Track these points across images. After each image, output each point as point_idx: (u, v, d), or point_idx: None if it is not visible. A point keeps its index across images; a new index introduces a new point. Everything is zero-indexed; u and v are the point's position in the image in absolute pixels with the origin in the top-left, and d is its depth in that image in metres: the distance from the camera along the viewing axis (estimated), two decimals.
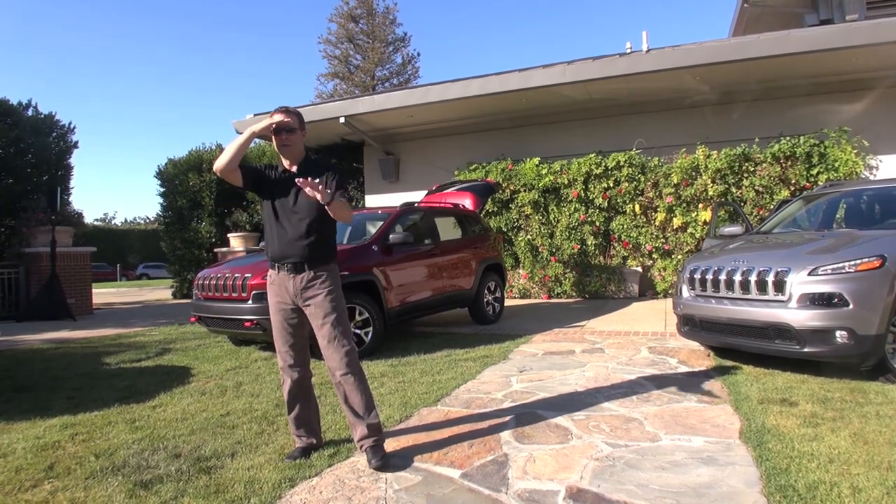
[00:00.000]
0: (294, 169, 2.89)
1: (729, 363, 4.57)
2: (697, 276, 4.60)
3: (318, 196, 2.61)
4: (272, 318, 2.94)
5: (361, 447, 2.80)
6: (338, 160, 12.46)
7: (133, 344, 6.66)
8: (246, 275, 5.35)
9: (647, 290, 9.74)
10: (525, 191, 10.19)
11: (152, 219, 39.82)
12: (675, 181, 9.16)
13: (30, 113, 11.45)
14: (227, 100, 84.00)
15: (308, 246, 2.82)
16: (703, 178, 8.99)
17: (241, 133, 2.82)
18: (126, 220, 49.83)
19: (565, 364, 4.85)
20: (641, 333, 6.21)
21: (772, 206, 8.03)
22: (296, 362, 2.94)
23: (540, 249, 10.17)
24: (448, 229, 7.16)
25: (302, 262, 2.83)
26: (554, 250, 10.05)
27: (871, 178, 8.54)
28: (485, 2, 65.49)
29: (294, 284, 2.83)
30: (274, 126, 2.83)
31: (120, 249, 33.67)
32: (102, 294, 15.87)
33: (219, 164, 2.73)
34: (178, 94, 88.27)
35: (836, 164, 8.33)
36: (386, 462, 2.73)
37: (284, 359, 2.94)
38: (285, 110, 2.88)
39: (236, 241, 12.32)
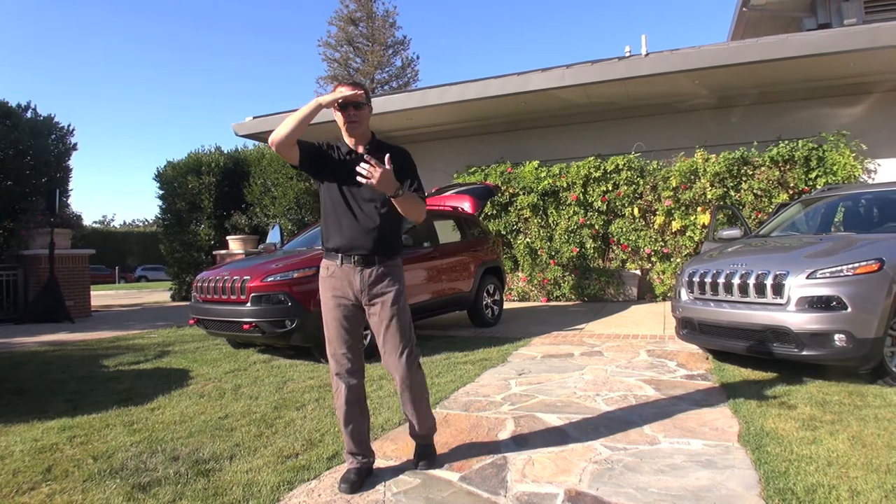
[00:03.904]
0: (361, 150, 2.59)
1: (727, 366, 4.57)
2: (696, 279, 4.60)
3: (375, 181, 2.33)
4: (327, 316, 2.64)
5: (417, 444, 2.81)
6: None
7: (131, 346, 6.65)
8: (245, 277, 5.35)
9: (646, 294, 9.75)
10: (524, 194, 10.20)
11: (151, 221, 39.80)
12: (674, 184, 9.17)
13: (29, 115, 11.41)
14: (227, 102, 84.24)
15: (381, 237, 2.58)
16: (702, 181, 9.01)
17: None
18: (125, 223, 49.85)
19: (564, 367, 4.85)
20: (640, 336, 6.21)
21: (770, 210, 8.04)
22: (353, 367, 2.61)
23: (539, 252, 10.17)
24: (447, 232, 7.16)
25: (372, 255, 2.58)
26: (553, 253, 10.05)
27: (870, 181, 8.56)
28: (484, 4, 65.73)
29: (361, 279, 2.58)
30: (341, 100, 2.50)
31: (119, 252, 33.64)
32: (101, 296, 15.85)
33: (276, 136, 2.40)
34: (177, 97, 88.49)
35: (835, 168, 8.36)
36: (432, 462, 2.74)
37: (341, 363, 2.60)
38: (353, 83, 2.58)
39: (235, 244, 12.31)
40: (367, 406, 2.72)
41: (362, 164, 2.36)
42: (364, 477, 2.59)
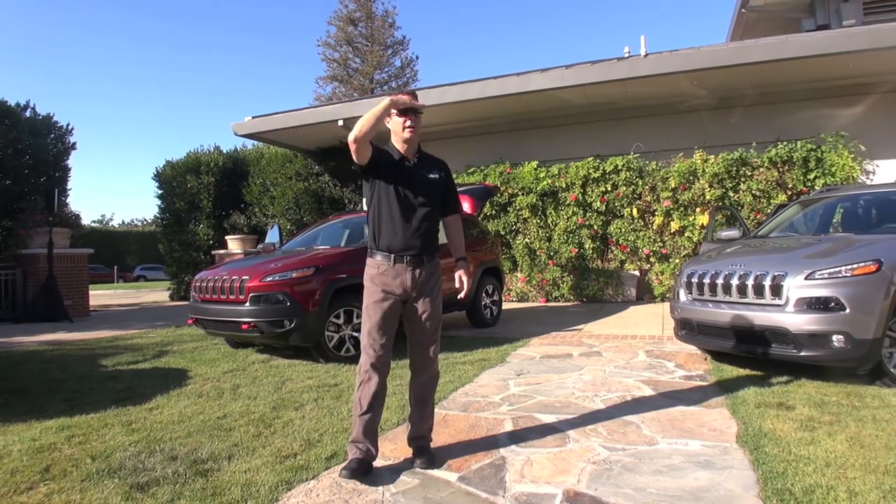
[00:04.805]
0: (413, 158, 2.84)
1: (726, 367, 4.57)
2: (695, 279, 4.61)
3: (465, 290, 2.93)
4: (370, 310, 2.77)
5: (413, 444, 2.86)
6: (335, 163, 12.46)
7: (130, 346, 6.64)
8: (244, 277, 5.35)
9: (645, 294, 9.75)
10: (523, 194, 10.20)
11: (150, 221, 39.75)
12: (673, 185, 9.18)
13: (28, 114, 11.41)
14: (227, 102, 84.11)
15: (431, 239, 2.85)
16: (701, 182, 9.02)
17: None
18: (123, 222, 49.75)
19: (563, 367, 4.85)
20: (639, 337, 6.21)
21: (769, 211, 8.05)
22: (386, 359, 2.77)
23: (538, 253, 10.18)
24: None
25: (421, 255, 2.81)
26: (552, 254, 10.05)
27: (868, 182, 8.57)
28: (484, 4, 65.78)
29: (413, 278, 2.78)
30: (409, 103, 2.74)
31: (117, 251, 33.63)
32: (99, 296, 15.83)
33: (357, 132, 2.59)
34: (177, 96, 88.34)
35: (833, 169, 8.37)
36: (431, 462, 2.76)
37: (377, 354, 2.72)
38: (414, 94, 2.83)
39: (234, 244, 12.31)
40: (384, 399, 2.84)
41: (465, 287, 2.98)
42: (366, 467, 2.66)
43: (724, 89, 9.15)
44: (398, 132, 2.79)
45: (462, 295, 2.93)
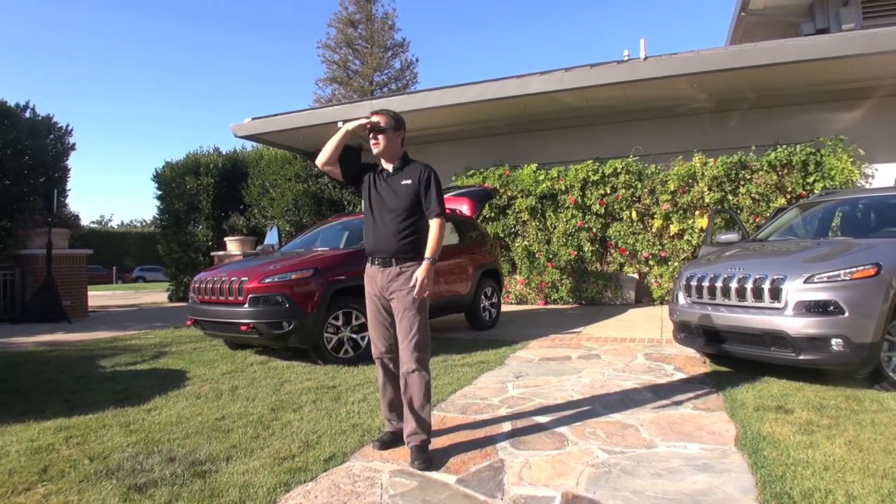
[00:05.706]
0: (390, 168, 3.03)
1: (725, 370, 4.57)
2: (694, 283, 4.61)
3: (420, 291, 2.84)
4: (367, 309, 3.12)
5: (408, 443, 2.89)
6: None
7: (128, 347, 6.63)
8: (243, 278, 5.35)
9: (644, 297, 9.75)
10: (522, 197, 10.20)
11: (149, 222, 39.76)
12: (672, 188, 9.19)
13: (27, 115, 11.40)
14: (227, 102, 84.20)
15: (398, 242, 2.95)
16: (700, 185, 9.03)
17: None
18: (123, 223, 49.76)
19: (562, 370, 4.85)
20: (638, 340, 6.21)
21: (768, 214, 8.06)
22: (387, 350, 3.04)
23: (537, 255, 10.18)
24: (445, 234, 7.15)
25: (391, 258, 2.96)
26: (551, 256, 10.06)
27: (867, 186, 8.58)
28: (484, 4, 65.92)
29: (382, 278, 2.98)
30: (363, 128, 2.96)
31: (116, 252, 33.61)
32: (98, 297, 15.81)
33: (319, 159, 3.02)
34: (177, 97, 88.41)
35: (832, 173, 8.38)
36: (427, 464, 2.77)
37: (377, 347, 3.06)
38: (379, 111, 3.00)
39: (233, 245, 12.30)
40: (395, 384, 3.06)
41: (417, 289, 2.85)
42: (397, 439, 3.02)
43: (723, 93, 9.17)
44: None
45: (415, 293, 2.85)
